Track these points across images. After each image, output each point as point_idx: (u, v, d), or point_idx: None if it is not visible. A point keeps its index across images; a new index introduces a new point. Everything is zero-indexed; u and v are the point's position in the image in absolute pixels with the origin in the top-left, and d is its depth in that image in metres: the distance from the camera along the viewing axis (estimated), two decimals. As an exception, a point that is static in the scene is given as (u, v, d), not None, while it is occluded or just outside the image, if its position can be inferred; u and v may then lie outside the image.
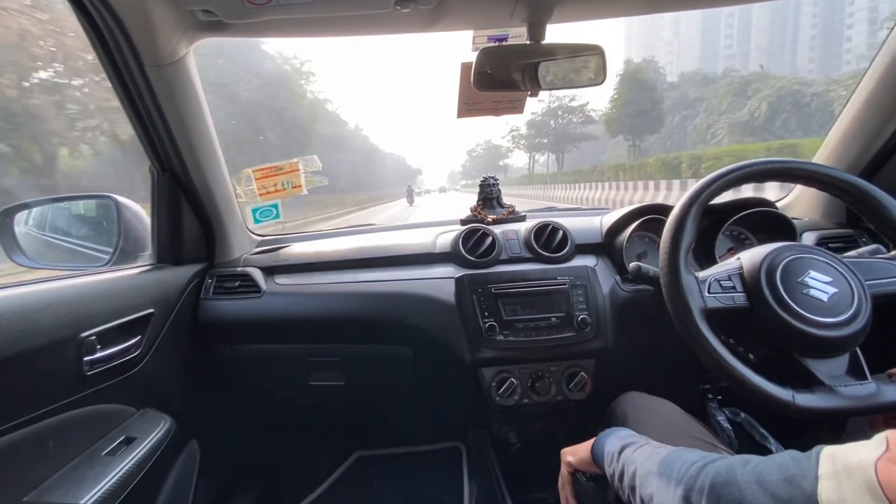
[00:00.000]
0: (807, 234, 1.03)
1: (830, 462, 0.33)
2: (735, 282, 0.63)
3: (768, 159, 0.67)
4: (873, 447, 0.31)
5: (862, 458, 0.31)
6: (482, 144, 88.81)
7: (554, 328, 0.95)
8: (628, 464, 0.52)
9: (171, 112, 0.87)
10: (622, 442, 0.57)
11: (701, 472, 0.41)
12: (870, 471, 0.30)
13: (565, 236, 1.05)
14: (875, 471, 0.29)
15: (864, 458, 0.31)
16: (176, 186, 0.99)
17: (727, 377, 0.58)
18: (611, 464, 0.56)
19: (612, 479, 0.55)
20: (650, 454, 0.50)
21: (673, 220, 0.66)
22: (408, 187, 29.02)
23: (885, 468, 0.29)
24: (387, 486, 1.37)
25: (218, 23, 0.78)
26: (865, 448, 0.32)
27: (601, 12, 0.86)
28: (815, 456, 0.35)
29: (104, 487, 0.67)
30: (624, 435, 0.59)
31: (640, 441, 0.55)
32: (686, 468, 0.43)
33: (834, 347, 0.58)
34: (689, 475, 0.42)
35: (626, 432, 0.61)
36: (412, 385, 1.14)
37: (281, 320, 1.04)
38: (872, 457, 0.30)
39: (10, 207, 0.88)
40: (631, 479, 0.50)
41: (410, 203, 24.80)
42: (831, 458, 0.33)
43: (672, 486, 0.43)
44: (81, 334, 0.71)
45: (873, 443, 0.32)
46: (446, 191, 77.33)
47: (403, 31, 0.85)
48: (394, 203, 31.27)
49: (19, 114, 9.73)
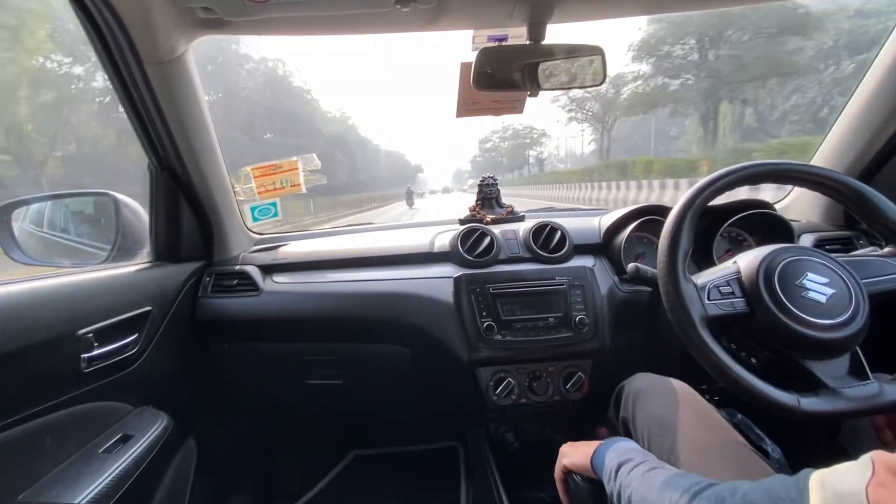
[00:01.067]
0: (804, 236, 1.03)
1: (821, 489, 0.33)
2: (734, 287, 0.63)
3: (764, 161, 0.68)
4: (860, 471, 0.32)
5: (852, 484, 0.31)
6: (499, 132, 68.51)
7: (552, 328, 0.95)
8: (624, 486, 0.52)
9: (169, 109, 0.87)
10: (619, 458, 0.57)
11: (691, 502, 0.42)
12: (861, 496, 0.30)
13: (564, 236, 1.05)
14: (866, 496, 0.30)
15: (853, 484, 0.31)
16: (174, 184, 0.98)
17: (731, 384, 0.58)
18: (609, 482, 0.56)
19: (610, 496, 0.56)
20: (644, 478, 0.50)
21: (670, 225, 0.66)
22: (407, 189, 27.16)
23: (877, 494, 0.30)
24: (384, 486, 1.37)
25: (217, 20, 0.78)
26: (853, 472, 0.32)
27: (601, 12, 0.86)
28: (803, 482, 0.35)
29: (101, 485, 0.67)
30: (622, 450, 0.59)
31: (636, 458, 0.55)
32: (676, 498, 0.43)
33: (835, 349, 0.58)
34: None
35: (625, 446, 0.60)
36: (410, 384, 1.14)
37: (279, 319, 1.04)
38: (862, 482, 0.31)
39: (8, 204, 0.88)
40: (627, 502, 0.50)
41: (410, 206, 23.42)
42: (821, 484, 0.33)
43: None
44: (79, 331, 0.71)
45: (859, 466, 0.32)
46: (450, 191, 71.09)
47: (403, 30, 0.85)
48: (390, 206, 28.71)
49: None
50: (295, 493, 1.33)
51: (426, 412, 1.30)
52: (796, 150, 11.63)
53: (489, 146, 76.07)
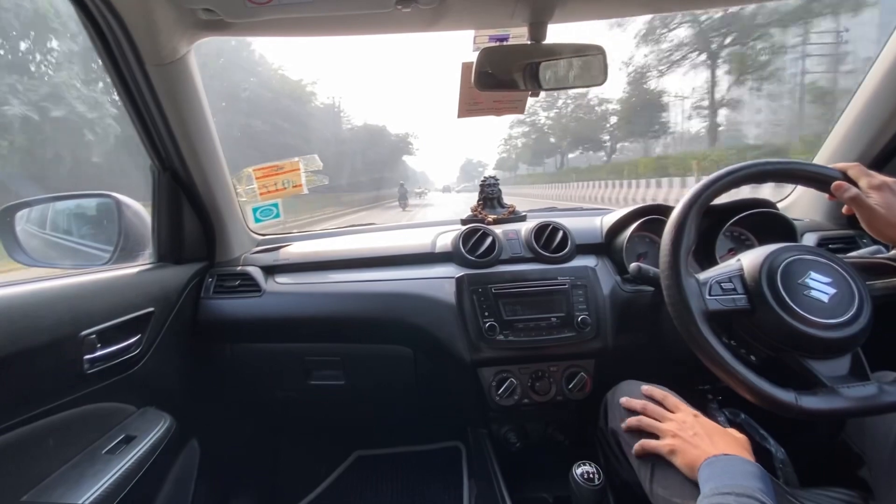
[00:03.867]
0: (807, 235, 1.02)
1: None
2: (736, 283, 0.63)
3: (768, 160, 0.67)
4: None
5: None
6: (525, 122, 45.58)
7: (554, 328, 0.95)
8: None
9: (171, 111, 0.87)
10: (732, 491, 0.49)
11: None
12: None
13: (566, 236, 1.05)
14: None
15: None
16: (176, 185, 0.99)
17: (729, 380, 0.58)
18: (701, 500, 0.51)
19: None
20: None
21: (673, 222, 0.66)
22: (400, 186, 20.82)
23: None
24: (386, 486, 1.37)
25: (219, 22, 0.78)
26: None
27: (602, 12, 0.86)
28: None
29: (104, 486, 0.67)
30: (740, 486, 0.50)
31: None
32: None
33: (835, 348, 0.58)
34: None
35: (747, 482, 0.51)
36: (412, 385, 1.14)
37: (281, 320, 1.04)
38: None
39: (11, 206, 0.88)
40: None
41: (404, 208, 18.84)
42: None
43: None
44: (82, 332, 0.71)
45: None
46: (450, 191, 57.35)
47: (404, 31, 0.85)
48: (379, 208, 22.16)
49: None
50: (297, 494, 1.33)
51: (428, 412, 1.30)
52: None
53: (511, 141, 53.49)
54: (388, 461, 1.47)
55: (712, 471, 0.54)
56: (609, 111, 34.75)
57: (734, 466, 0.54)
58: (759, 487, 0.50)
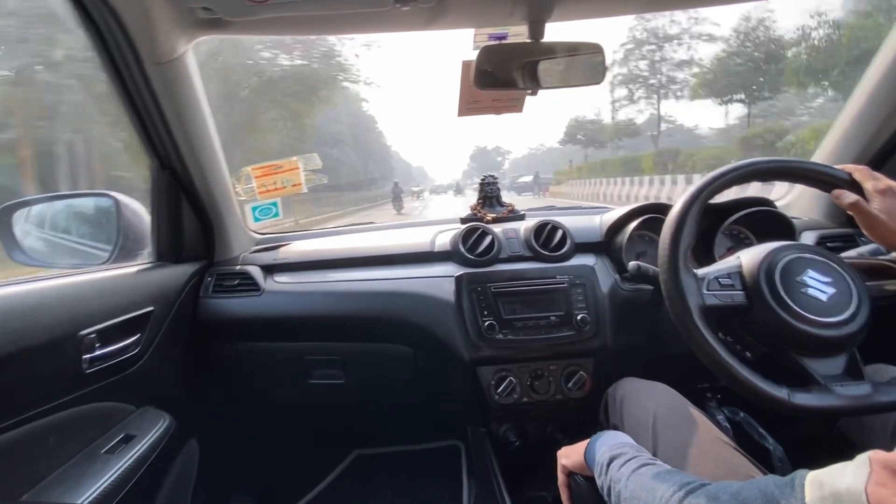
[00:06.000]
0: (806, 234, 1.02)
1: (818, 488, 0.33)
2: (734, 280, 0.63)
3: (769, 158, 0.67)
4: (858, 470, 0.31)
5: (850, 484, 0.31)
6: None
7: (553, 327, 0.95)
8: (614, 481, 0.52)
9: (170, 110, 0.87)
10: (610, 452, 0.56)
11: (683, 501, 0.41)
12: (861, 496, 0.30)
13: (565, 235, 1.05)
14: (866, 496, 0.30)
15: (852, 484, 0.31)
16: (175, 184, 0.98)
17: (723, 374, 0.58)
18: (600, 475, 0.56)
19: (601, 490, 0.55)
20: (635, 474, 0.50)
21: (672, 220, 0.66)
22: (394, 185, 17.89)
23: (876, 493, 0.29)
24: (386, 485, 1.38)
25: (217, 20, 0.78)
26: (850, 472, 0.32)
27: (601, 11, 0.86)
28: (798, 482, 0.34)
29: (103, 485, 0.67)
30: (613, 444, 0.58)
31: (629, 453, 0.54)
32: (668, 496, 0.43)
33: (831, 347, 0.58)
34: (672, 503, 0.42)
35: (616, 440, 0.59)
36: (411, 383, 1.14)
37: (280, 319, 1.04)
38: (861, 481, 0.30)
39: (10, 205, 0.88)
40: (617, 498, 0.50)
41: (398, 210, 16.13)
42: (818, 483, 0.33)
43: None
44: (81, 332, 0.71)
45: (856, 465, 0.32)
46: (461, 192, 35.55)
47: (403, 29, 0.85)
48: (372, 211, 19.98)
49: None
50: (297, 493, 1.33)
51: (428, 411, 1.31)
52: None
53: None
54: (387, 460, 1.47)
55: (594, 443, 0.61)
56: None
57: (612, 437, 0.61)
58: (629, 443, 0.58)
